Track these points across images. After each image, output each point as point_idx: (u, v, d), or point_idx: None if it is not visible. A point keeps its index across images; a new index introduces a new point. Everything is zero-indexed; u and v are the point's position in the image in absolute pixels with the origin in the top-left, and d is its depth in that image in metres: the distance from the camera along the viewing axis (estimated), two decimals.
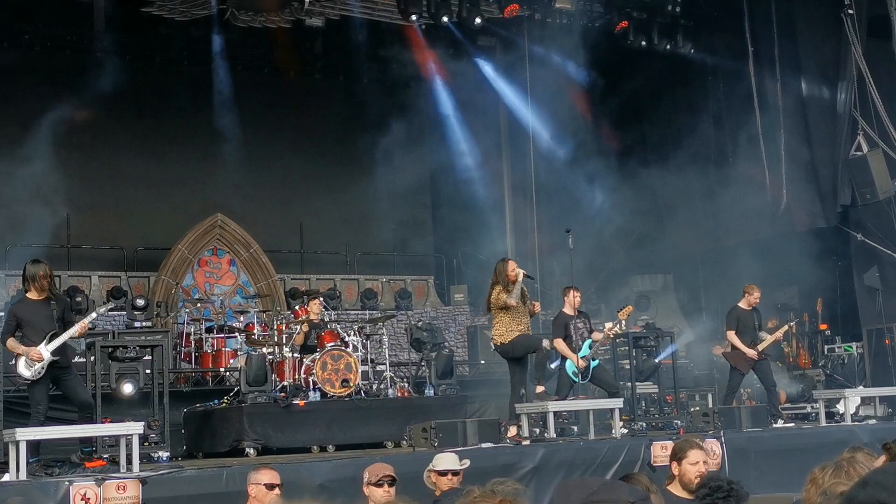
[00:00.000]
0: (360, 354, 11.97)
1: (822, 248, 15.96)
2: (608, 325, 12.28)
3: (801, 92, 16.05)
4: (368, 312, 17.17)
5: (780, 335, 13.11)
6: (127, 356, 9.96)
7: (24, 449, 7.88)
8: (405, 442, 10.27)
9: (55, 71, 16.99)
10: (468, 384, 14.98)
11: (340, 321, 13.37)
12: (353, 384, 11.49)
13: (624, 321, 12.25)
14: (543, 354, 11.08)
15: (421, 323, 16.11)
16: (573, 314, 11.45)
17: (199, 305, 15.59)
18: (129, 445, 8.34)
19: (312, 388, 11.38)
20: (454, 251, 19.79)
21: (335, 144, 18.25)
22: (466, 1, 15.96)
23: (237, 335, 14.40)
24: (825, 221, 15.92)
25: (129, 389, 9.99)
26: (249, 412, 10.87)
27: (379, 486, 6.25)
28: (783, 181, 15.97)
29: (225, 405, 11.47)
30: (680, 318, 18.46)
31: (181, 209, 17.98)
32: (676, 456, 5.92)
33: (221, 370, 14.21)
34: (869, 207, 15.18)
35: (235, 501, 6.77)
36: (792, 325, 14.09)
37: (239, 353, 13.97)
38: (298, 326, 11.96)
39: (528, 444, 10.04)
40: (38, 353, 8.63)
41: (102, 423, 9.15)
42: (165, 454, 9.63)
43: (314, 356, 11.56)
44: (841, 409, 12.65)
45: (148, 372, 10.21)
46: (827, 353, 15.79)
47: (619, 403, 10.95)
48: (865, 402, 13.15)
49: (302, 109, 18.92)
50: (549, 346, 11.27)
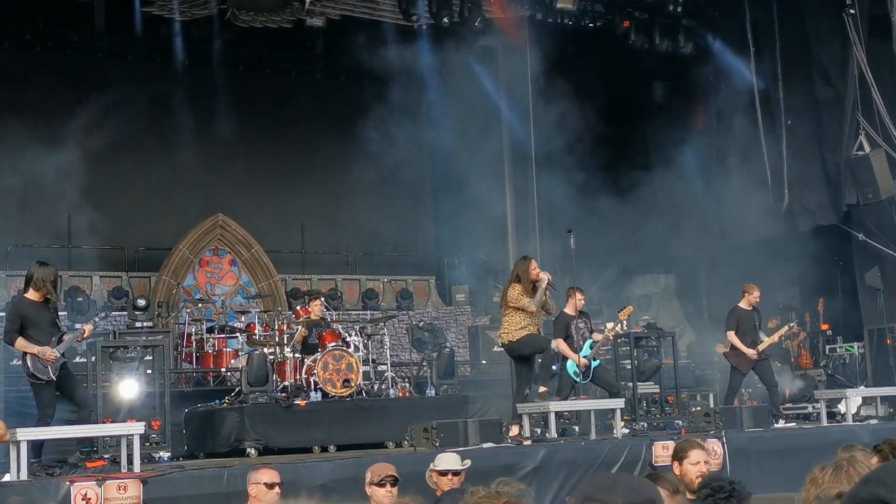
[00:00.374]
0: (361, 354, 11.96)
1: (823, 248, 15.96)
2: (609, 325, 12.27)
3: (802, 92, 16.04)
4: (370, 313, 17.16)
5: (780, 335, 13.09)
6: (128, 356, 9.95)
7: (24, 449, 7.88)
8: (406, 442, 10.25)
9: (55, 71, 17.00)
10: (469, 384, 14.96)
11: (342, 321, 13.35)
12: (354, 384, 11.48)
13: (625, 321, 12.25)
14: (551, 356, 11.05)
15: (422, 323, 16.14)
16: (575, 314, 11.44)
17: (200, 306, 15.59)
18: (130, 445, 8.35)
19: (314, 388, 11.37)
20: (455, 251, 19.78)
21: (336, 144, 18.24)
22: (468, 1, 15.97)
23: (238, 335, 14.40)
24: (827, 219, 15.90)
25: (130, 390, 9.98)
26: (250, 412, 10.86)
27: (381, 486, 6.25)
28: (785, 181, 15.98)
29: (226, 405, 11.45)
30: (681, 318, 18.46)
31: (182, 209, 17.97)
32: (678, 456, 5.92)
33: (222, 370, 14.21)
34: (870, 207, 15.16)
35: (236, 501, 6.76)
36: (793, 325, 14.08)
37: (240, 353, 13.97)
38: (298, 327, 11.95)
39: (529, 444, 10.03)
40: (53, 353, 8.59)
41: (104, 423, 9.15)
42: (166, 454, 9.63)
43: (315, 356, 11.55)
44: (842, 409, 12.64)
45: (149, 372, 10.21)
46: (828, 352, 15.78)
47: (620, 403, 10.94)
48: (867, 402, 13.14)
49: (303, 109, 18.92)
50: (554, 346, 11.26)
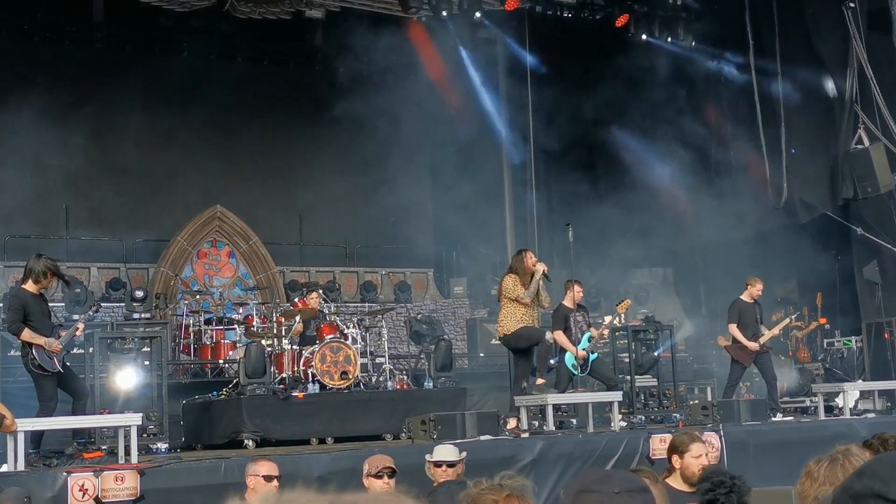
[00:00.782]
0: (359, 347, 11.94)
1: (821, 241, 15.95)
2: (607, 318, 12.26)
3: (801, 85, 16.02)
4: (368, 305, 17.17)
5: (781, 327, 13.09)
6: (126, 347, 9.95)
7: (21, 439, 7.88)
8: (404, 434, 10.26)
9: (54, 62, 16.97)
10: (467, 377, 14.97)
11: (340, 313, 13.35)
12: (352, 376, 11.48)
13: (622, 314, 12.25)
14: (547, 347, 11.07)
15: (420, 315, 16.12)
16: (573, 307, 11.45)
17: (198, 297, 15.60)
18: (127, 437, 8.34)
19: (311, 380, 11.37)
20: (454, 244, 19.78)
21: (335, 136, 18.21)
22: None
23: (236, 327, 14.41)
24: (824, 211, 15.89)
25: (127, 381, 9.98)
26: (248, 404, 10.85)
27: (379, 477, 6.26)
28: (783, 174, 15.97)
29: (224, 397, 11.46)
30: (679, 311, 18.46)
31: (180, 201, 17.95)
32: (678, 450, 5.90)
33: (220, 362, 14.22)
34: (869, 201, 15.14)
35: (234, 493, 6.77)
36: (792, 318, 14.08)
37: (238, 344, 13.96)
38: (295, 319, 11.94)
39: (526, 436, 10.05)
40: (57, 344, 8.63)
41: (101, 414, 9.15)
42: (164, 445, 9.63)
43: (313, 348, 11.54)
44: (840, 402, 12.64)
45: (147, 363, 10.20)
46: (826, 346, 15.78)
47: (618, 396, 10.94)
48: (864, 395, 13.16)
49: (301, 101, 18.88)
50: (550, 338, 11.27)
